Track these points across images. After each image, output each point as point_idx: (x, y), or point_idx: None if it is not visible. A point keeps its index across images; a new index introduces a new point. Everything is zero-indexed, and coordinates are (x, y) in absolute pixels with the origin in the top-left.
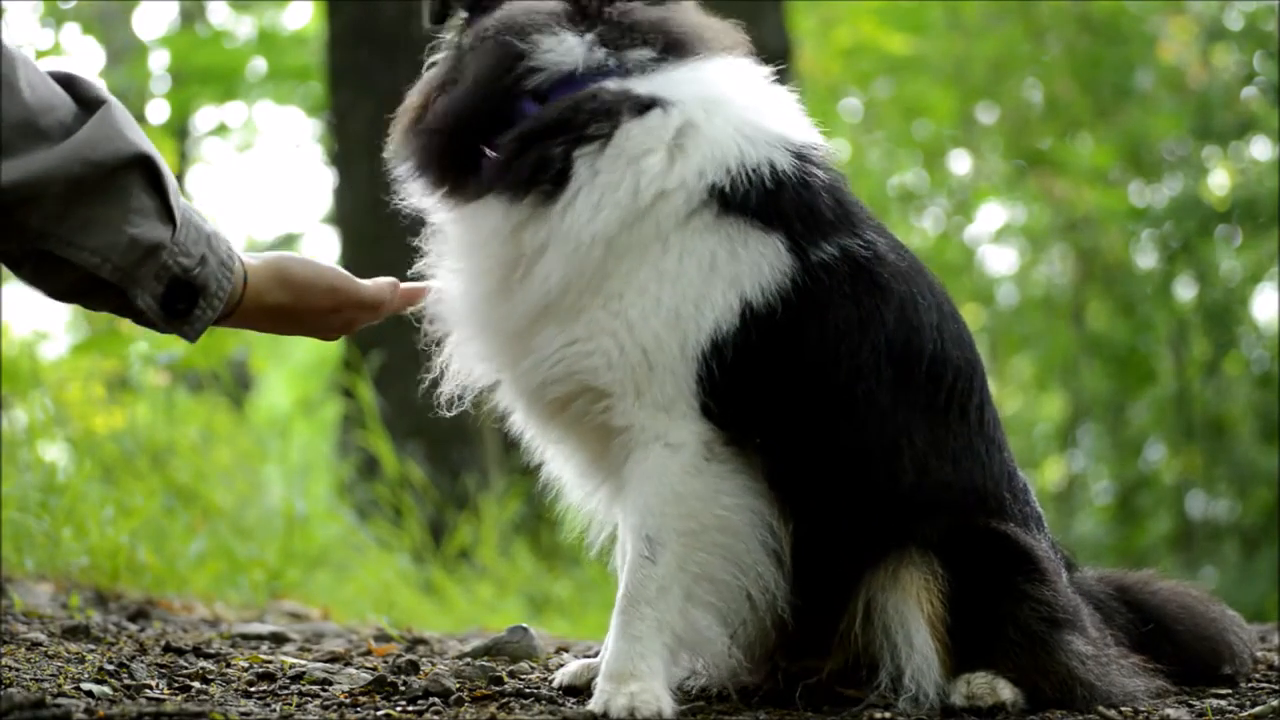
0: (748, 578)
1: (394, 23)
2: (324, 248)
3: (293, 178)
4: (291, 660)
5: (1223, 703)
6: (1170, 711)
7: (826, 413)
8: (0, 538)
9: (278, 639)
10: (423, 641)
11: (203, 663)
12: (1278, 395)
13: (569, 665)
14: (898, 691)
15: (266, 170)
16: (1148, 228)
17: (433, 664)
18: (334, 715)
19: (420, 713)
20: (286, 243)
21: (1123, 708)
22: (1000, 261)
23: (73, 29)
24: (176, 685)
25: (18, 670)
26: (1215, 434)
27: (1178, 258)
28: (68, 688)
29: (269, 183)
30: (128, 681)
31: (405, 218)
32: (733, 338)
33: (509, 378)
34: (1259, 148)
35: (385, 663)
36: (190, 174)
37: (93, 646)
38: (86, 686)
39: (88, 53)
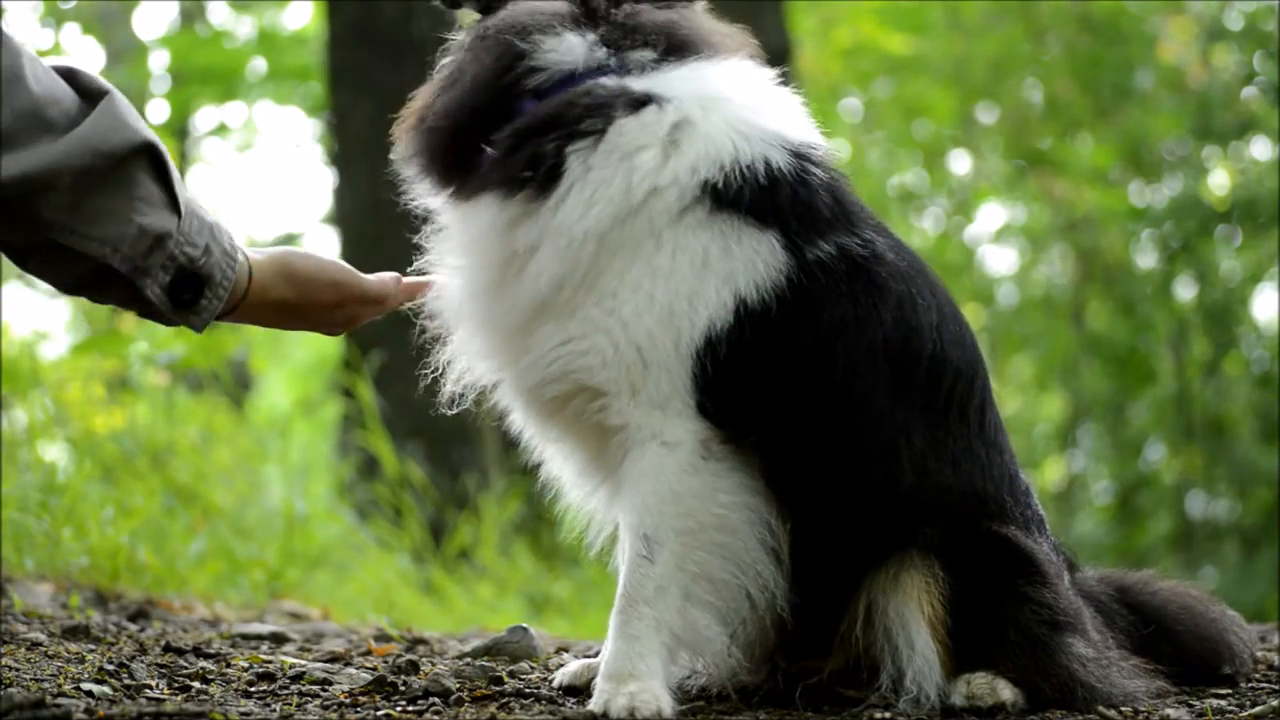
0: (746, 576)
1: (394, 23)
2: (324, 248)
3: (293, 178)
4: (291, 660)
5: (1223, 703)
6: (1170, 711)
7: (822, 411)
8: (0, 538)
9: (278, 639)
10: (423, 641)
11: (203, 663)
12: (1278, 395)
13: (569, 665)
14: (899, 693)
15: (266, 170)
16: (1148, 228)
17: (433, 664)
18: (334, 715)
19: (420, 713)
20: (287, 242)
21: (1123, 708)
22: (1000, 261)
23: (73, 29)
24: (176, 685)
25: (18, 670)
26: (1215, 434)
27: (1178, 258)
28: (68, 688)
29: (269, 183)
30: (128, 681)
31: (406, 217)
32: (727, 335)
33: (508, 376)
34: (1259, 148)
35: (385, 663)
36: (190, 174)
37: (93, 646)
38: (86, 686)
39: (88, 53)
